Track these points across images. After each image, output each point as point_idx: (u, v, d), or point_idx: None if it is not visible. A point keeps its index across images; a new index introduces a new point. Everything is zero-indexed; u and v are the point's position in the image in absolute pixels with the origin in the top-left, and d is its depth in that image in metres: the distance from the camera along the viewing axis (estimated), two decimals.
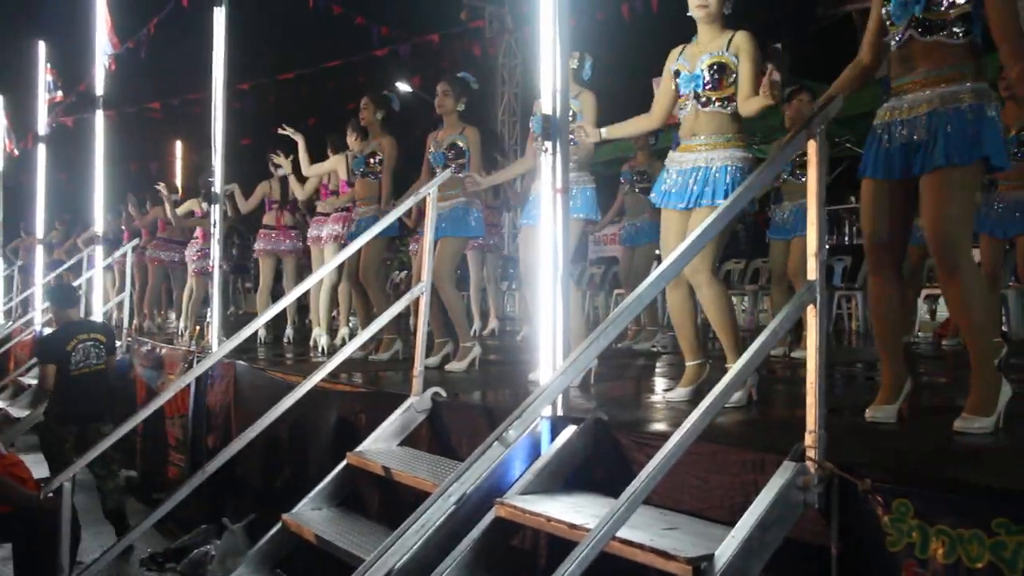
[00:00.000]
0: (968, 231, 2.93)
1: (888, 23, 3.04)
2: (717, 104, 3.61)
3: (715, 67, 3.58)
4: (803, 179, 5.54)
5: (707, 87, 3.60)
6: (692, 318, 3.79)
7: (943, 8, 2.88)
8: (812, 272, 2.51)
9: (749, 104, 3.55)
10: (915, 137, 2.92)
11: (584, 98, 4.51)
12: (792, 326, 3.39)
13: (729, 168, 3.56)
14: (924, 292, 7.90)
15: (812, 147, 2.59)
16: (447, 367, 5.20)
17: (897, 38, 3.01)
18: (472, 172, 5.22)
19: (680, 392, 3.74)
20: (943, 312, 7.11)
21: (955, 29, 2.89)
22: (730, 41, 3.59)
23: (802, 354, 4.93)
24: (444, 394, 3.94)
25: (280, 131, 7.06)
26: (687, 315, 3.77)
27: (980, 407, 2.86)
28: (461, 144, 5.31)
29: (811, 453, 2.36)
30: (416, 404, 3.90)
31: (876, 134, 3.06)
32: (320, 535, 3.39)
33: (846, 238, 12.12)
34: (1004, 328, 7.71)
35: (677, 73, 3.73)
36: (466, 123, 5.40)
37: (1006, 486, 2.13)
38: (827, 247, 2.69)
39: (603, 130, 4.01)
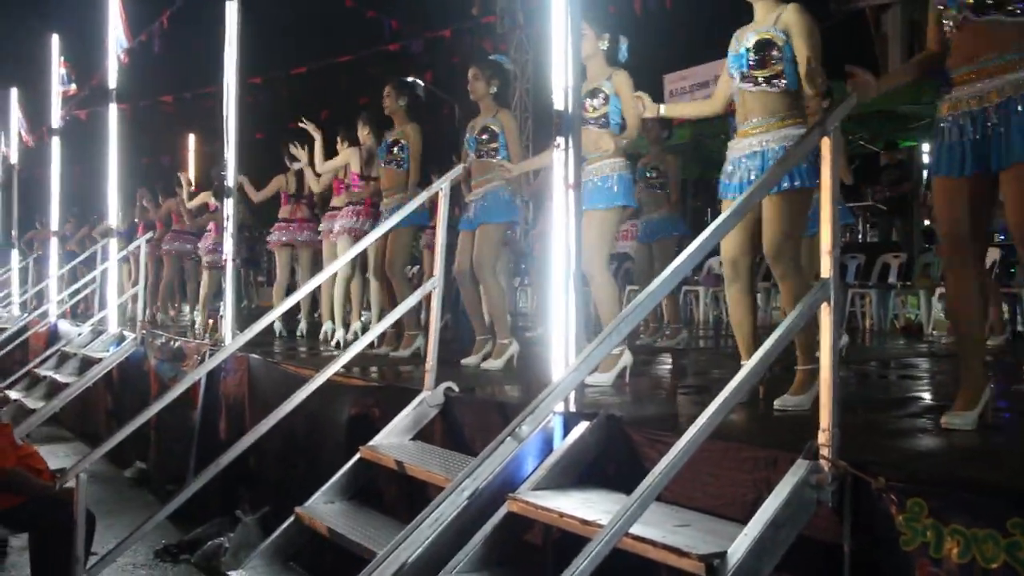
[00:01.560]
0: None
1: (942, 8, 2.93)
2: (764, 83, 3.47)
3: (760, 44, 3.45)
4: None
5: (751, 66, 3.47)
6: (750, 316, 3.62)
7: None
8: (826, 270, 2.50)
9: (806, 86, 3.41)
10: (987, 130, 2.78)
11: (618, 78, 4.37)
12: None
13: (787, 148, 3.37)
14: (938, 291, 7.87)
15: (826, 145, 2.58)
16: (483, 365, 5.08)
17: (952, 23, 2.89)
18: (511, 155, 5.14)
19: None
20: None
21: (1011, 7, 2.74)
22: (779, 17, 3.46)
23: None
24: (457, 389, 3.95)
25: (300, 124, 7.07)
26: (745, 312, 3.61)
27: (966, 403, 2.88)
28: (495, 128, 5.18)
29: (825, 451, 2.35)
30: (429, 399, 3.91)
31: (941, 129, 2.93)
32: (333, 528, 3.40)
33: (860, 236, 12.07)
34: (1019, 328, 7.69)
35: (729, 55, 3.62)
36: (500, 106, 5.30)
37: (1022, 487, 2.13)
38: (841, 245, 2.68)
39: (662, 106, 3.94)
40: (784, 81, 3.45)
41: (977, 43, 2.81)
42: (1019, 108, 2.71)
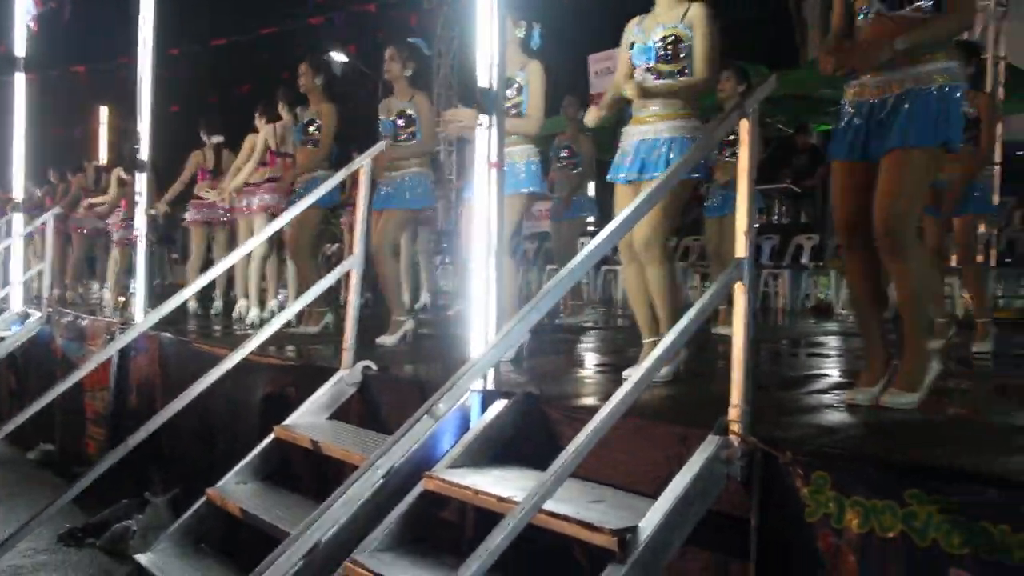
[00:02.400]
0: (916, 214, 2.96)
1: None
2: (669, 77, 3.57)
3: (668, 39, 3.54)
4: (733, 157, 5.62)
5: (659, 60, 3.56)
6: (647, 293, 3.74)
7: None
8: (741, 250, 2.54)
9: (696, 80, 3.54)
10: (883, 118, 2.89)
11: (531, 69, 4.44)
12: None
13: (677, 139, 3.52)
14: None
15: (744, 127, 2.62)
16: (377, 340, 5.16)
17: (864, 12, 2.98)
18: (425, 139, 5.17)
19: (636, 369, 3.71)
20: None
21: (923, 3, 2.85)
22: (685, 13, 3.55)
23: (725, 330, 5.03)
24: (375, 367, 3.92)
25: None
26: (643, 290, 3.73)
27: (909, 383, 2.92)
28: (410, 111, 5.20)
29: (735, 427, 2.40)
30: (346, 377, 3.87)
31: (844, 114, 3.03)
32: (245, 509, 3.35)
33: (775, 217, 12.33)
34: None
35: (632, 44, 3.69)
36: (415, 90, 5.30)
37: (918, 459, 2.21)
38: (756, 226, 2.73)
39: (588, 121, 3.94)
40: (687, 76, 3.56)
41: (887, 34, 2.89)
42: (914, 99, 2.84)
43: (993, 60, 9.42)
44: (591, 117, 3.87)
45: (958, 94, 2.88)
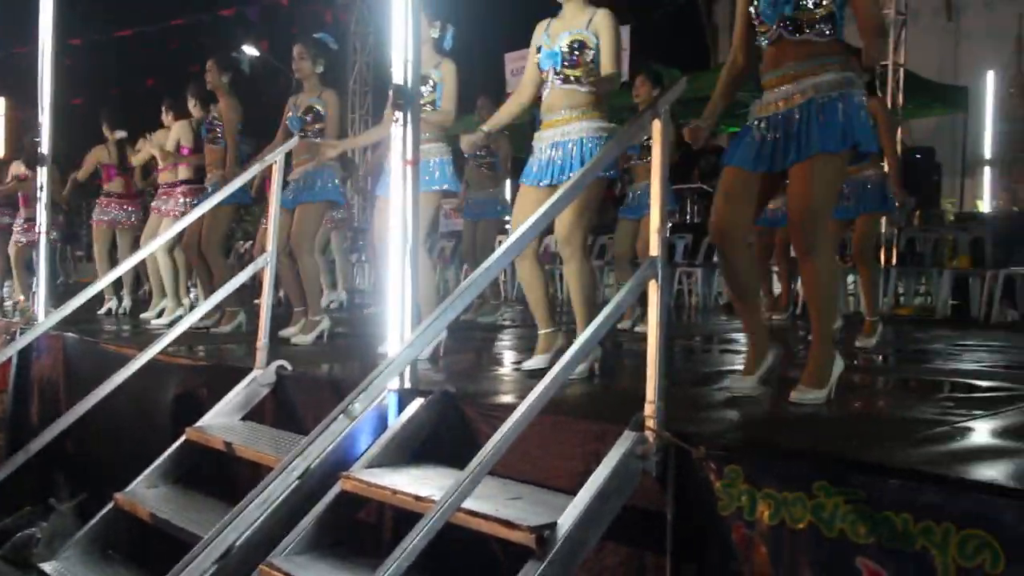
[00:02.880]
0: (827, 216, 3.07)
1: (757, 22, 3.11)
2: (575, 82, 3.64)
3: (574, 44, 3.61)
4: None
5: (565, 64, 3.63)
6: (543, 287, 3.86)
7: (811, 7, 2.97)
8: (654, 248, 2.58)
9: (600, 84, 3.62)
10: (790, 129, 3.00)
11: (445, 68, 4.47)
12: (637, 300, 3.50)
13: (586, 139, 3.59)
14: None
15: (657, 127, 2.66)
16: (293, 340, 5.10)
17: (767, 37, 3.08)
18: (329, 136, 5.13)
19: (536, 360, 3.80)
20: (776, 289, 7.50)
21: (822, 27, 2.98)
22: (591, 20, 3.63)
23: (645, 329, 5.11)
24: (289, 367, 3.86)
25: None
26: (538, 284, 3.84)
27: (816, 379, 3.02)
28: (319, 108, 5.16)
29: (650, 423, 2.44)
30: (260, 378, 3.80)
31: (750, 127, 3.13)
32: (156, 513, 3.26)
33: (688, 217, 12.56)
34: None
35: (539, 49, 3.74)
36: (325, 86, 5.25)
37: (826, 451, 2.28)
38: (670, 224, 2.78)
39: (484, 127, 4.01)
40: (593, 79, 3.63)
41: (787, 55, 3.05)
42: (819, 107, 2.96)
43: (893, 67, 9.78)
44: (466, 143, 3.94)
45: (859, 99, 3.01)
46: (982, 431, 2.61)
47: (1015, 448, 2.39)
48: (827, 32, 2.99)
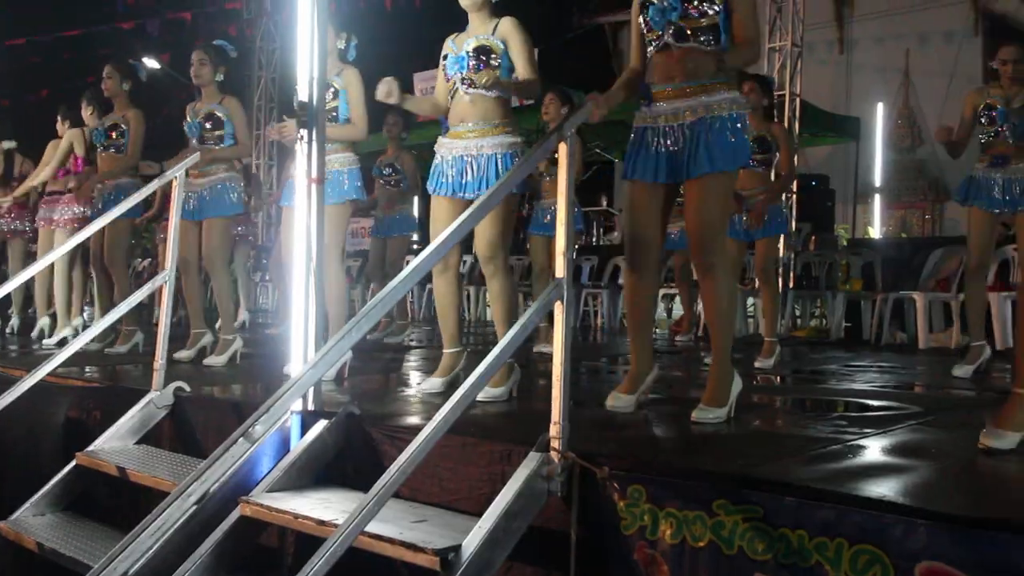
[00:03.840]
0: (724, 232, 3.18)
1: (647, 29, 3.20)
2: (481, 88, 3.60)
3: (479, 50, 3.60)
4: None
5: (471, 69, 3.60)
6: (456, 305, 3.85)
7: (696, 16, 3.07)
8: (560, 270, 2.60)
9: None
10: (680, 144, 3.09)
11: (348, 75, 4.44)
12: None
13: (499, 155, 3.58)
14: (661, 291, 8.47)
15: (562, 149, 2.69)
16: (206, 361, 4.94)
17: (655, 43, 3.18)
18: (240, 143, 5.04)
19: (434, 382, 3.79)
20: (678, 310, 7.66)
21: (707, 37, 3.08)
22: (496, 27, 3.63)
23: (547, 348, 5.15)
24: (188, 389, 3.75)
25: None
26: (452, 301, 3.82)
27: (715, 399, 3.10)
28: (220, 114, 5.01)
29: (555, 444, 2.45)
30: (156, 400, 3.68)
31: (639, 137, 3.20)
32: (43, 543, 3.11)
33: (594, 239, 12.73)
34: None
35: (446, 57, 3.73)
36: (225, 93, 5.13)
37: (726, 471, 2.33)
38: (576, 246, 2.82)
39: (406, 97, 3.90)
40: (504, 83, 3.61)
41: (675, 65, 3.14)
42: (707, 127, 3.06)
43: (789, 97, 10.13)
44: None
45: (744, 122, 3.15)
46: (873, 449, 2.71)
47: (904, 465, 2.49)
48: (711, 42, 3.09)
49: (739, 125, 3.11)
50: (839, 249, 9.53)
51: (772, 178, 5.63)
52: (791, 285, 9.17)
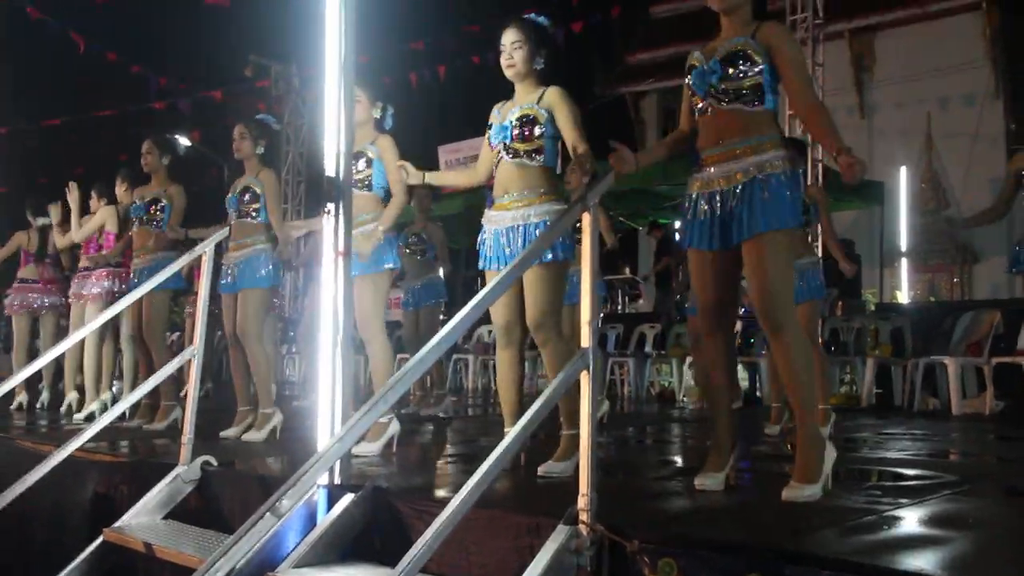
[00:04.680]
0: (790, 292, 3.03)
1: (692, 94, 3.17)
2: (525, 157, 3.59)
3: (524, 119, 3.59)
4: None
5: (515, 138, 3.60)
6: (518, 382, 3.72)
7: (738, 78, 3.02)
8: (585, 339, 2.60)
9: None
10: (734, 206, 3.00)
11: (382, 142, 4.45)
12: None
13: (545, 224, 3.50)
14: (688, 359, 8.41)
15: (586, 219, 2.71)
16: (244, 436, 4.90)
17: (700, 108, 3.14)
18: (270, 216, 5.04)
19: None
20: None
21: (750, 97, 3.03)
22: (541, 96, 3.63)
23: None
24: (215, 463, 3.74)
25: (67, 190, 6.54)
26: (513, 378, 3.70)
27: (807, 473, 2.91)
28: (256, 188, 5.05)
29: (584, 516, 2.41)
30: (184, 474, 3.68)
31: (692, 204, 3.14)
32: None
33: (619, 307, 12.73)
34: (758, 394, 8.34)
35: (490, 125, 3.73)
36: (263, 166, 5.16)
37: (758, 543, 2.28)
38: (601, 315, 2.81)
39: (427, 174, 3.98)
40: (543, 157, 3.61)
41: (723, 128, 3.07)
42: (759, 187, 2.98)
43: (812, 162, 10.19)
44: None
45: (800, 180, 3.07)
46: (909, 519, 2.65)
47: (941, 536, 2.43)
48: (755, 103, 3.03)
49: (796, 183, 3.02)
50: (867, 314, 9.46)
51: (811, 240, 5.64)
52: None
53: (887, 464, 4.08)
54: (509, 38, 3.65)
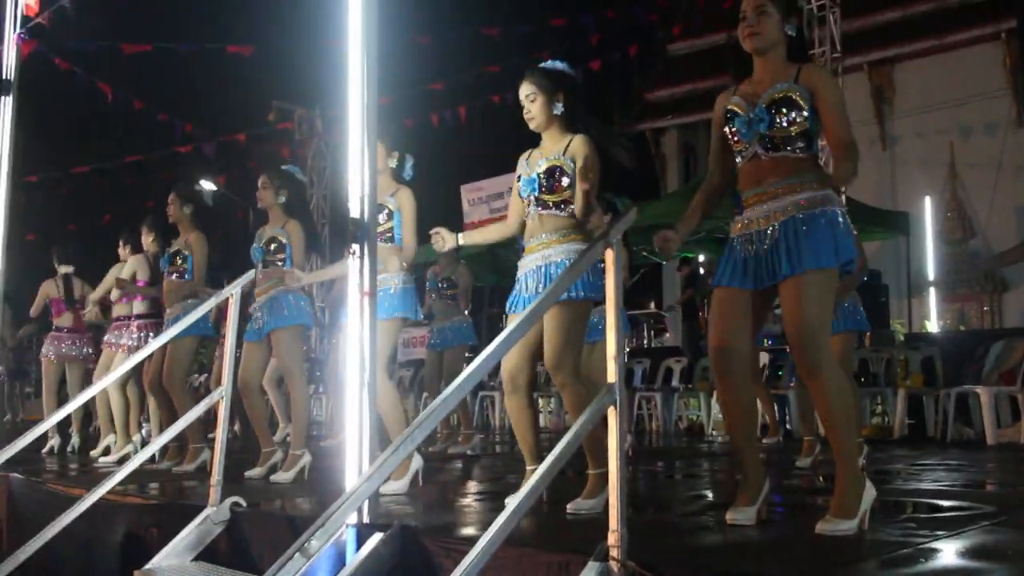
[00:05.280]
0: (828, 331, 2.99)
1: (734, 140, 3.15)
2: (554, 208, 3.64)
3: (551, 171, 3.64)
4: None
5: (543, 191, 3.64)
6: (532, 424, 3.77)
7: (785, 125, 3.01)
8: (612, 375, 2.59)
9: (576, 204, 3.63)
10: (772, 245, 2.99)
11: (401, 195, 4.49)
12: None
13: (568, 261, 3.55)
14: (715, 393, 8.35)
15: (609, 256, 2.71)
16: (273, 477, 4.91)
17: (743, 154, 3.13)
18: (295, 267, 5.06)
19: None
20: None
21: (797, 143, 3.03)
22: (567, 146, 3.67)
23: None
24: (244, 504, 3.75)
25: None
26: (527, 421, 3.75)
27: (844, 510, 2.89)
28: (282, 239, 5.12)
29: (614, 552, 2.39)
30: (213, 515, 3.69)
31: (733, 245, 3.13)
32: None
33: (645, 342, 12.69)
34: (788, 426, 8.25)
35: (519, 177, 3.78)
36: (289, 216, 5.22)
37: None
38: (626, 350, 2.80)
39: (460, 236, 4.01)
40: (572, 207, 3.64)
41: (765, 171, 3.07)
42: (803, 223, 2.96)
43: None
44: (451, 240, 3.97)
45: (842, 216, 3.04)
46: (947, 552, 2.60)
47: (979, 568, 2.39)
48: (801, 148, 3.03)
49: (839, 220, 3.00)
50: (896, 344, 9.36)
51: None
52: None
53: (922, 496, 4.02)
54: (524, 92, 3.72)
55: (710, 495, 4.27)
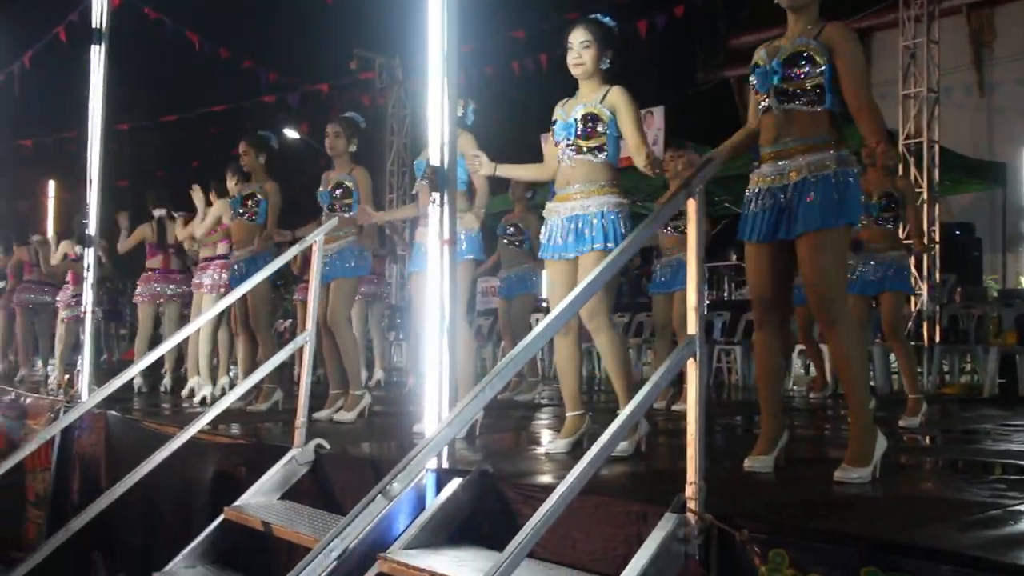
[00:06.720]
0: (843, 288, 3.14)
1: (755, 92, 3.25)
2: (588, 153, 3.70)
3: (588, 117, 3.69)
4: (680, 232, 5.74)
5: (579, 135, 3.70)
6: (577, 368, 3.88)
7: (799, 79, 3.08)
8: (692, 326, 2.57)
9: (636, 160, 3.69)
10: (786, 203, 3.09)
11: (463, 139, 4.50)
12: (674, 379, 3.48)
13: (605, 212, 3.64)
14: (798, 347, 8.21)
15: (691, 206, 2.67)
16: (335, 417, 5.11)
17: (762, 105, 3.21)
18: (363, 206, 5.18)
19: (560, 444, 3.78)
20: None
21: (811, 98, 3.09)
22: (605, 95, 3.71)
23: (683, 407, 5.06)
24: (327, 446, 3.86)
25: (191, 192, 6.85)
26: (573, 365, 3.85)
27: (858, 458, 3.01)
28: (348, 184, 5.23)
29: (692, 504, 2.40)
30: (298, 456, 3.80)
31: (749, 199, 3.23)
32: None
33: (725, 294, 12.51)
34: (872, 384, 8.08)
35: (555, 122, 3.83)
36: (356, 163, 5.34)
37: (874, 535, 2.22)
38: (707, 302, 2.78)
39: (499, 167, 4.06)
40: (605, 153, 3.71)
41: (780, 127, 3.15)
42: (815, 185, 3.04)
43: (928, 144, 9.79)
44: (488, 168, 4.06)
45: (852, 179, 3.08)
46: None
47: None
48: (815, 102, 3.08)
49: (849, 181, 3.06)
50: (989, 301, 9.05)
51: (900, 233, 5.51)
52: (937, 340, 8.74)
53: (1012, 457, 3.91)
54: (578, 37, 3.75)
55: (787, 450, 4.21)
